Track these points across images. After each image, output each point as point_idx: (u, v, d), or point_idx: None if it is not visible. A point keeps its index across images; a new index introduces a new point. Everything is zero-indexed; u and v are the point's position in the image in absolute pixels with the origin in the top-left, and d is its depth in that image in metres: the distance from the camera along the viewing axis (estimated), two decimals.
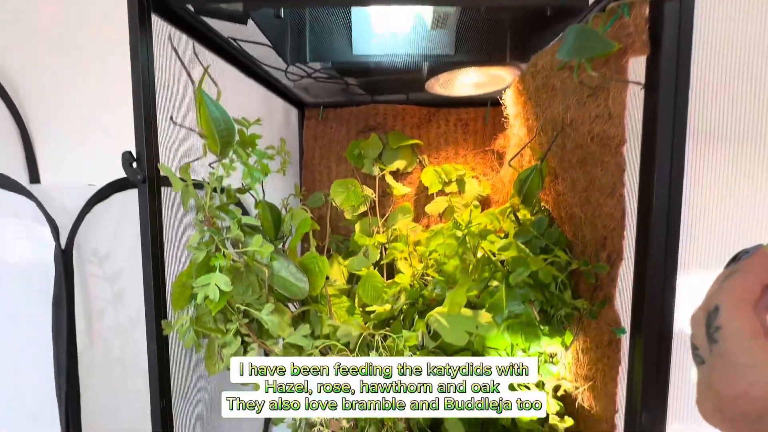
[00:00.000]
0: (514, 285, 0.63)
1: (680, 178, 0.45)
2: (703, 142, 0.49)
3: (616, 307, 0.52)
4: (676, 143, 0.43)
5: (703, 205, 0.49)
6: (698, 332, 0.30)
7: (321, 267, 0.75)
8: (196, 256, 0.60)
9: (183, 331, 0.61)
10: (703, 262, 0.48)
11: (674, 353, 0.46)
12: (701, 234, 0.51)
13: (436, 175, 1.13)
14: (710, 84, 0.49)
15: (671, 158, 0.45)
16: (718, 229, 0.52)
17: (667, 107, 0.43)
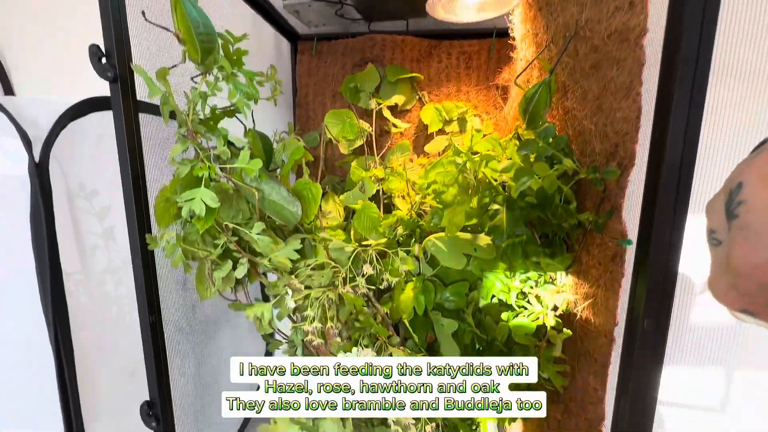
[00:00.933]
0: (516, 206, 0.60)
1: (706, 70, 0.40)
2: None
3: (623, 217, 0.49)
4: (706, 17, 0.38)
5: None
6: (716, 216, 0.29)
7: (314, 193, 0.72)
8: (179, 170, 0.57)
9: (170, 249, 0.59)
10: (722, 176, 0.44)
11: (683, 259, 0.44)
12: (718, 142, 0.47)
13: (436, 113, 1.07)
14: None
15: (698, 47, 0.40)
16: (736, 141, 0.48)
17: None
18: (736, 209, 0.27)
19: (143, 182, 0.53)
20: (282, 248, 0.58)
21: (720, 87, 0.45)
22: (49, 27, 1.04)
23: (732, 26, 0.45)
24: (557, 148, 0.52)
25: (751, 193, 0.26)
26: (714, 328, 0.59)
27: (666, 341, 0.45)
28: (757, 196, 0.26)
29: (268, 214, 0.68)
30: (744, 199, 0.26)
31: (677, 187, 0.42)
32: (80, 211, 0.90)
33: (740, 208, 0.27)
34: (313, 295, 0.53)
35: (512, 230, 0.60)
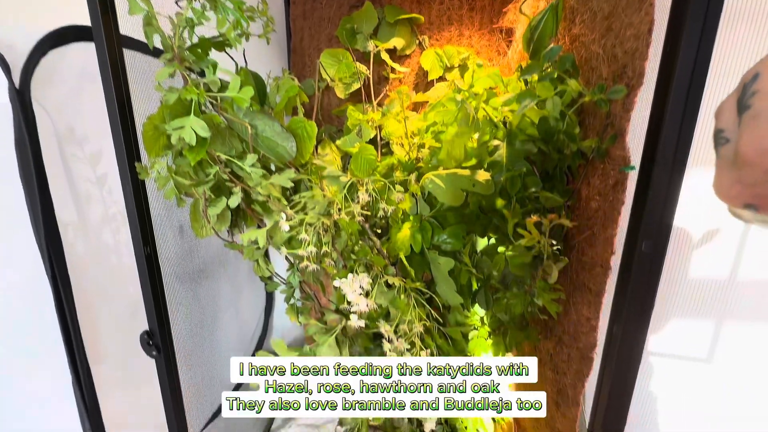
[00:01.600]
0: (516, 140, 0.58)
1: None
2: None
3: (627, 143, 0.48)
4: None
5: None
6: (726, 115, 0.28)
7: (309, 131, 0.70)
8: (166, 96, 0.55)
9: (161, 181, 0.57)
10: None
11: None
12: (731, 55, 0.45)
13: (437, 59, 1.03)
14: None
15: None
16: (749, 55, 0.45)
17: None
18: (750, 100, 0.26)
19: (129, 106, 0.51)
20: (276, 176, 0.56)
21: None
22: None
23: None
24: (562, 68, 0.50)
25: (766, 82, 0.25)
26: (705, 281, 0.60)
27: (663, 264, 0.45)
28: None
29: (261, 151, 0.66)
30: (758, 89, 0.25)
31: (686, 100, 0.40)
32: (71, 157, 0.88)
33: (754, 98, 0.25)
34: (307, 220, 0.52)
35: (512, 165, 0.58)
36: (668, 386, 0.72)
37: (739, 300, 0.65)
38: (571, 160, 0.53)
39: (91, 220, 0.95)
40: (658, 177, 0.42)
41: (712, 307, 0.66)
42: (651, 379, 0.72)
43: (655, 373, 0.73)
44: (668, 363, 0.72)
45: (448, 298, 0.66)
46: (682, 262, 0.64)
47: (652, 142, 0.43)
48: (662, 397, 0.72)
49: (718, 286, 0.65)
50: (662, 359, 0.72)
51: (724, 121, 0.29)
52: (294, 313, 0.74)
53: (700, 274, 0.65)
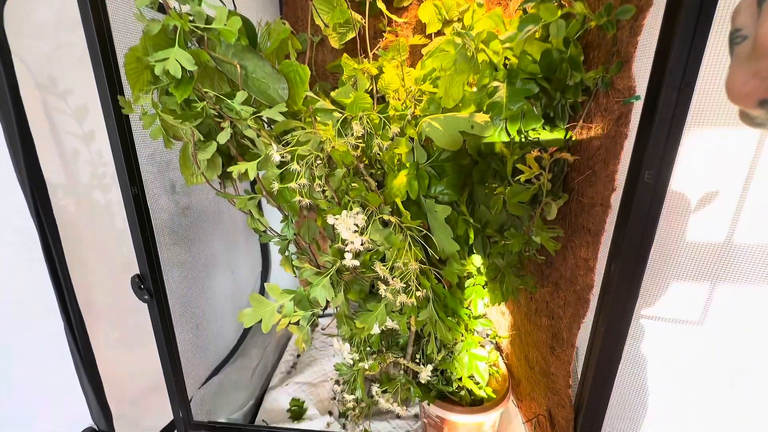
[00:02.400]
0: (517, 79, 0.56)
1: None
2: None
3: (633, 71, 0.46)
4: None
5: None
6: (745, 12, 0.26)
7: (302, 76, 0.67)
8: (148, 26, 0.51)
9: (147, 120, 0.55)
10: None
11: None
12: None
13: (435, 11, 0.98)
14: None
15: None
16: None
17: None
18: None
19: (110, 39, 0.48)
20: (267, 110, 0.54)
21: None
22: None
23: None
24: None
25: None
26: (702, 245, 0.59)
27: (665, 195, 0.44)
28: None
29: (251, 95, 0.64)
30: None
31: (698, 16, 0.38)
32: (55, 110, 0.84)
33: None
34: (299, 152, 0.50)
35: (512, 105, 0.56)
36: (659, 349, 0.73)
37: (735, 263, 0.65)
38: (573, 94, 0.51)
39: (80, 180, 0.92)
40: (666, 101, 0.41)
41: (708, 270, 0.66)
42: (642, 342, 0.73)
43: (646, 335, 0.73)
44: (660, 326, 0.73)
45: (445, 246, 0.65)
46: (680, 225, 0.63)
47: (661, 64, 0.41)
48: (652, 360, 0.73)
49: (714, 249, 0.64)
50: (654, 322, 0.72)
51: (741, 20, 0.27)
52: (289, 264, 0.73)
53: (696, 238, 0.64)
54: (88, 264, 0.78)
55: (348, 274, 0.57)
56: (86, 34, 0.48)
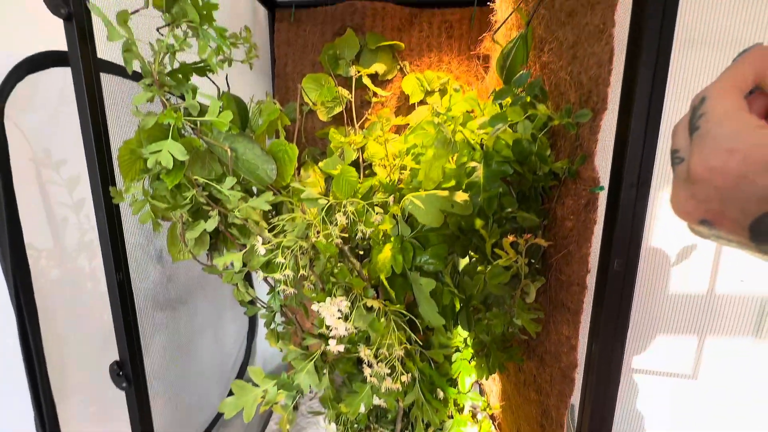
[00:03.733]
0: (493, 161, 0.60)
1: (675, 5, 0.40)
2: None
3: (596, 164, 0.50)
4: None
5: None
6: (680, 135, 0.30)
7: (290, 155, 0.70)
8: (144, 121, 0.55)
9: (137, 206, 0.56)
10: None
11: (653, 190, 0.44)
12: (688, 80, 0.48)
13: (417, 83, 1.06)
14: None
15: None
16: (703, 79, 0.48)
17: None
18: (698, 121, 0.27)
19: (105, 134, 0.51)
20: (254, 200, 0.56)
21: (691, 25, 0.46)
22: None
23: None
24: (531, 93, 0.52)
25: (711, 105, 0.27)
26: (685, 297, 0.61)
27: (635, 281, 0.46)
28: (716, 106, 0.26)
29: (241, 174, 0.66)
30: (705, 111, 0.27)
31: (647, 124, 0.42)
32: (48, 181, 0.86)
33: (701, 120, 0.27)
34: (284, 244, 0.51)
35: (489, 185, 0.59)
36: (655, 404, 0.72)
37: (719, 314, 0.66)
38: (544, 180, 0.54)
39: (66, 246, 0.92)
40: (626, 197, 0.44)
41: (694, 323, 0.67)
42: (637, 398, 0.72)
43: (640, 391, 0.73)
44: (654, 381, 0.72)
45: (431, 319, 0.65)
46: (662, 279, 0.65)
47: (618, 164, 0.44)
48: (649, 415, 0.72)
49: (698, 301, 0.66)
50: (647, 377, 0.72)
51: (677, 142, 0.30)
52: (274, 339, 0.72)
53: (680, 290, 0.67)
54: (63, 332, 0.76)
55: (333, 355, 0.56)
56: (83, 136, 0.50)
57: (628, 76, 0.43)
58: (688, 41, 0.47)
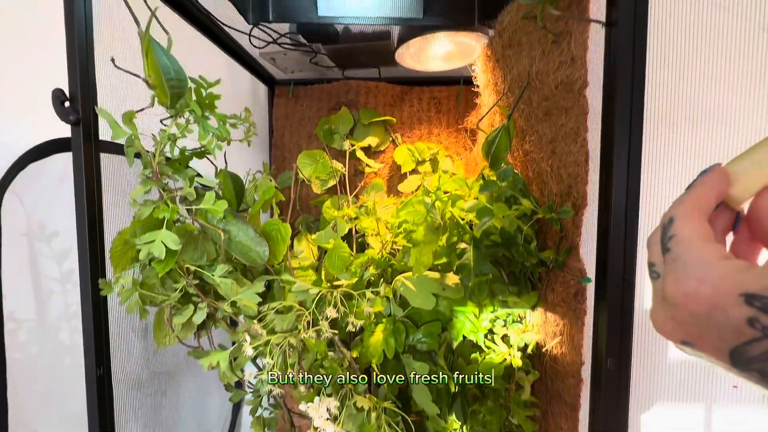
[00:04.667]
0: (481, 244, 0.61)
1: (641, 113, 0.44)
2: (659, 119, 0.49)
3: (581, 255, 0.51)
4: (636, 78, 0.42)
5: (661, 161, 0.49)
6: (654, 249, 0.30)
7: (283, 234, 0.71)
8: (140, 211, 0.56)
9: (125, 294, 0.56)
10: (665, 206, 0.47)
11: (638, 302, 0.45)
12: (660, 183, 0.50)
13: (409, 154, 1.11)
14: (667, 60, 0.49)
15: (631, 94, 0.44)
16: (676, 180, 0.51)
17: (627, 42, 0.42)
18: (669, 243, 0.28)
19: (100, 227, 0.52)
20: (244, 290, 0.56)
21: (658, 131, 0.49)
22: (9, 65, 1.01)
23: (661, 76, 0.50)
24: (515, 188, 0.55)
25: (680, 227, 0.28)
26: (691, 363, 0.60)
27: (629, 380, 0.45)
28: (684, 229, 0.28)
29: (234, 255, 0.67)
30: (674, 233, 0.28)
31: (625, 225, 0.44)
32: (39, 254, 0.87)
33: (671, 242, 0.28)
34: (273, 341, 0.50)
35: (479, 269, 0.60)
36: None
37: (722, 385, 0.64)
38: (533, 267, 0.55)
39: (48, 319, 0.90)
40: (612, 296, 0.44)
41: (701, 391, 0.65)
42: None
43: None
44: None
45: (425, 407, 0.63)
46: (660, 368, 0.64)
47: (602, 263, 0.45)
48: None
49: (702, 368, 0.64)
50: None
51: (653, 255, 0.31)
52: (261, 427, 0.68)
53: (683, 357, 0.65)
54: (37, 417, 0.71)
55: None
56: (78, 229, 0.51)
57: (603, 178, 0.45)
58: (662, 121, 0.50)
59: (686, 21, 0.53)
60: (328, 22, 0.78)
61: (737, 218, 0.30)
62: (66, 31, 0.48)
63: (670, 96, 0.51)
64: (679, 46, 0.52)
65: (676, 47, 0.53)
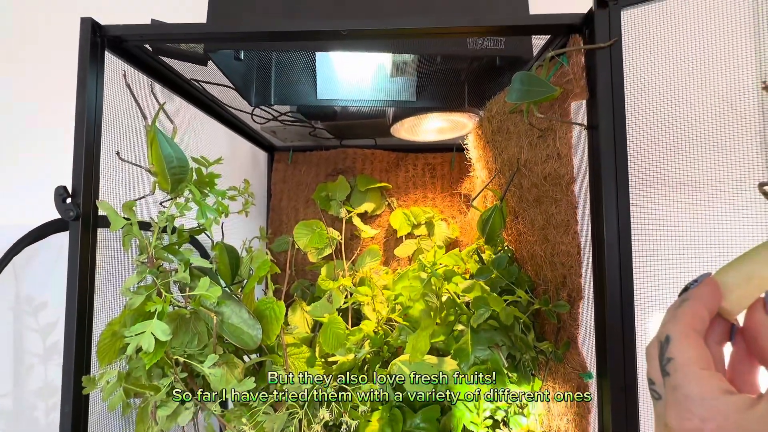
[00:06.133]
0: (479, 328, 0.60)
1: (627, 210, 0.45)
2: (649, 184, 0.51)
3: (581, 348, 0.50)
4: (620, 179, 0.44)
5: (653, 241, 0.50)
6: (653, 365, 0.30)
7: (277, 313, 0.70)
8: (131, 300, 0.55)
9: (108, 390, 0.53)
10: (660, 299, 0.47)
11: (642, 396, 0.44)
12: (654, 268, 0.51)
13: (404, 218, 1.13)
14: (647, 130, 0.52)
15: (616, 192, 0.45)
16: (668, 264, 0.52)
17: (608, 145, 0.45)
18: (668, 366, 0.27)
19: (89, 319, 0.51)
20: (233, 385, 0.54)
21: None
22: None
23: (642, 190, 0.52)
24: (510, 278, 0.55)
25: (677, 349, 0.27)
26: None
27: None
28: (682, 353, 0.27)
29: (226, 337, 0.65)
30: (672, 356, 0.27)
31: (622, 323, 0.44)
32: (25, 328, 0.84)
33: (670, 366, 0.27)
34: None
35: (477, 356, 0.58)
36: None
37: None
38: (532, 359, 0.54)
39: (25, 401, 0.86)
40: (614, 399, 0.43)
41: None
42: None
43: None
44: None
45: None
46: None
47: (602, 362, 0.45)
48: None
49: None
50: None
51: (651, 371, 0.29)
52: None
53: None
54: None
55: None
56: (66, 324, 0.50)
57: (597, 273, 0.46)
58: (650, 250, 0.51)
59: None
60: (327, 105, 0.83)
61: (733, 329, 0.29)
62: (75, 130, 0.50)
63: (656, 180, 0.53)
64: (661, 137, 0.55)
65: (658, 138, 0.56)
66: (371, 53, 0.67)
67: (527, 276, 0.62)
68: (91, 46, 0.51)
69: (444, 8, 0.63)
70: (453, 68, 0.71)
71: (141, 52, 0.58)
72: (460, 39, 0.58)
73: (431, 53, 0.62)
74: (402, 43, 0.59)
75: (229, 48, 0.58)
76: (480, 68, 0.69)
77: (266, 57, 0.71)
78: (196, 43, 0.55)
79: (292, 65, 0.76)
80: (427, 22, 0.50)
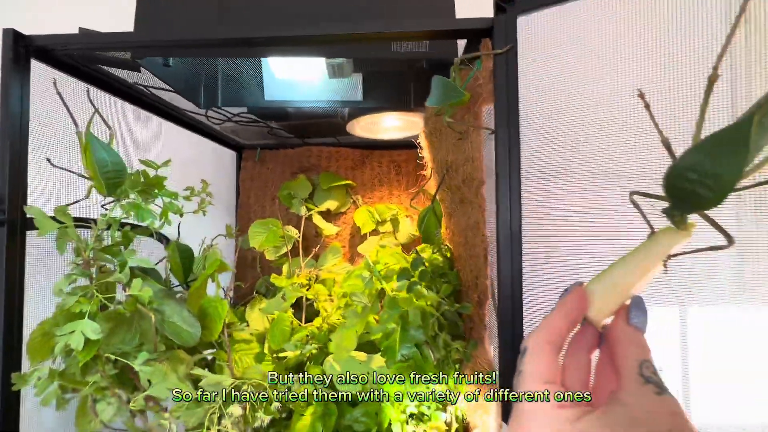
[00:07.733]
0: (408, 326, 0.62)
1: (519, 210, 0.46)
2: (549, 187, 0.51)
3: (488, 348, 0.51)
4: (512, 182, 0.45)
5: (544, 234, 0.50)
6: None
7: (219, 311, 0.72)
8: (63, 301, 0.57)
9: (41, 386, 0.56)
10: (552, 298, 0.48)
11: None
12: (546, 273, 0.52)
13: (369, 215, 1.14)
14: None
15: (509, 192, 0.46)
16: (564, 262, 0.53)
17: (504, 149, 0.46)
18: (517, 377, 0.28)
19: (19, 321, 0.53)
20: (153, 387, 0.56)
21: None
22: None
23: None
24: (423, 279, 0.56)
25: (527, 362, 0.28)
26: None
27: None
28: (529, 366, 0.28)
29: (166, 335, 0.67)
30: (521, 368, 0.28)
31: (512, 321, 0.45)
32: None
33: (518, 378, 0.28)
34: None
35: (403, 353, 0.60)
36: None
37: None
38: (447, 354, 0.55)
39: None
40: (505, 402, 0.44)
41: None
42: None
43: None
44: None
45: None
46: None
47: (500, 363, 0.46)
48: None
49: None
50: None
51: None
52: None
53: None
54: None
55: None
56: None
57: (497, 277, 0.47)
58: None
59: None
60: (276, 105, 0.84)
61: (602, 336, 0.30)
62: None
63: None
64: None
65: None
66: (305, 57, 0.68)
67: (456, 276, 0.63)
68: (14, 55, 0.52)
69: (375, 14, 0.63)
70: (390, 70, 0.72)
71: (72, 60, 0.60)
72: (382, 43, 0.59)
73: (357, 57, 0.63)
74: (327, 47, 0.60)
75: (154, 55, 0.59)
76: (415, 70, 0.70)
77: (208, 60, 0.72)
78: (122, 51, 0.56)
79: (237, 68, 0.77)
80: (337, 28, 0.50)
